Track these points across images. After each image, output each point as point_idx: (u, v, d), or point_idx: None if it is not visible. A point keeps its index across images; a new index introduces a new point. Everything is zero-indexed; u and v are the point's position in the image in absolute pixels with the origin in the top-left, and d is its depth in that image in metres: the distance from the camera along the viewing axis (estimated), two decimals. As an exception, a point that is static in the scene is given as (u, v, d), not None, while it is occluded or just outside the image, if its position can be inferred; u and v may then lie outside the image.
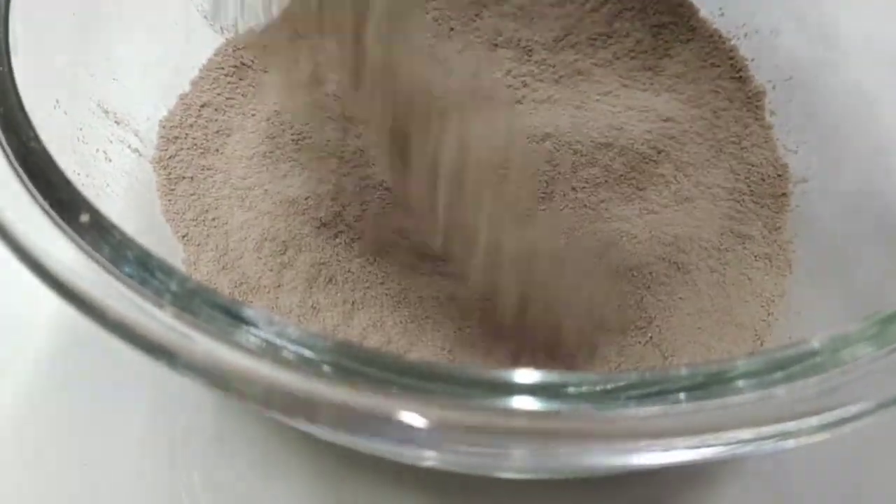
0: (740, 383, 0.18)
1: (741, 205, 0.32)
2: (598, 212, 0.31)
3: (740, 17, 0.35)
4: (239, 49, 0.35)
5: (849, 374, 0.19)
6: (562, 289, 0.28)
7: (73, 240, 0.19)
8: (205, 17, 0.34)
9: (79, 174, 0.25)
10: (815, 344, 0.19)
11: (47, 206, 0.20)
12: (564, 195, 0.31)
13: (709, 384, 0.18)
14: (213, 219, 0.30)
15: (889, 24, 0.31)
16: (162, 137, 0.31)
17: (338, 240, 0.30)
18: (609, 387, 0.18)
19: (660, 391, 0.18)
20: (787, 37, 0.34)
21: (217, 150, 0.32)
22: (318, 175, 0.31)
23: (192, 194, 0.30)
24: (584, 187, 0.32)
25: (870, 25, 0.32)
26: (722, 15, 0.36)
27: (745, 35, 0.35)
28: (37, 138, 0.21)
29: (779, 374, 0.18)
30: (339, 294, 0.29)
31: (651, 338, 0.27)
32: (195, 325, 0.18)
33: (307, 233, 0.30)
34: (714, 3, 0.36)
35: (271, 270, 0.29)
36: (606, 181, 0.32)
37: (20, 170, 0.20)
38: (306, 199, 0.30)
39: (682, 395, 0.18)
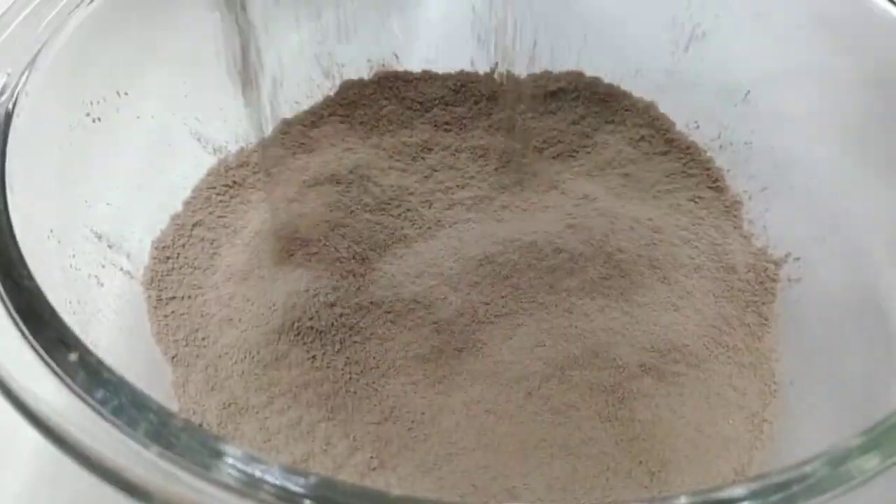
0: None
1: (724, 312, 0.32)
2: (582, 317, 0.31)
3: (714, 129, 0.37)
4: (231, 169, 0.36)
5: (853, 491, 0.18)
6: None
7: (59, 378, 0.19)
8: (197, 139, 0.36)
9: (70, 302, 0.26)
10: (816, 463, 0.18)
11: (36, 345, 0.20)
12: (547, 299, 0.32)
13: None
14: (203, 338, 0.30)
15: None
16: (153, 258, 0.32)
17: (325, 350, 0.30)
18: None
19: None
20: (760, 147, 0.35)
21: (207, 269, 0.33)
22: (307, 289, 0.31)
23: (181, 314, 0.31)
24: (567, 292, 0.32)
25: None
26: (697, 128, 0.37)
27: (720, 147, 0.36)
28: (29, 275, 0.21)
29: (779, 497, 0.18)
30: (327, 413, 0.29)
31: (638, 454, 0.27)
32: (174, 461, 0.18)
33: (293, 346, 0.30)
34: (689, 116, 0.37)
35: (259, 389, 0.29)
36: (590, 287, 0.32)
37: (12, 309, 0.20)
38: (294, 304, 0.30)
39: None
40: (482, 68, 0.40)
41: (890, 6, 0.30)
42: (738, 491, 0.18)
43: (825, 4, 0.33)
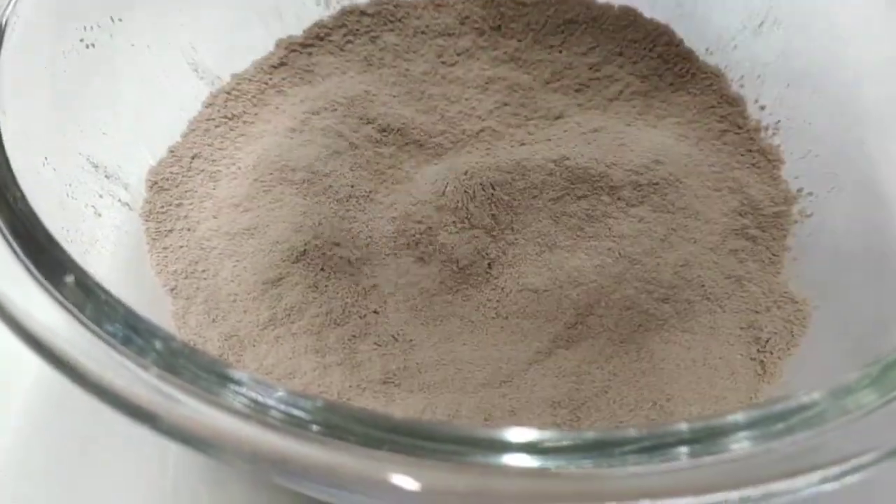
0: (741, 435, 0.18)
1: (739, 244, 0.31)
2: (591, 246, 0.31)
3: (727, 60, 0.36)
4: (230, 100, 0.35)
5: (852, 424, 0.18)
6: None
7: (57, 301, 0.19)
8: (194, 69, 0.35)
9: (67, 230, 0.25)
10: (816, 395, 0.19)
11: (32, 268, 0.19)
12: (553, 229, 0.31)
13: (709, 438, 0.18)
14: (203, 270, 0.30)
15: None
16: (151, 190, 0.31)
17: (326, 279, 0.29)
18: (607, 442, 0.17)
19: (659, 445, 0.17)
20: (773, 80, 0.34)
21: (205, 201, 0.32)
22: (305, 210, 0.31)
23: (180, 246, 0.30)
24: (577, 219, 0.31)
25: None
26: (711, 54, 0.36)
27: (732, 80, 0.35)
28: (23, 198, 0.21)
29: (780, 426, 0.18)
30: (333, 346, 0.28)
31: (644, 385, 0.27)
32: (180, 386, 0.18)
33: (298, 280, 0.29)
34: (702, 43, 0.36)
35: (260, 319, 0.28)
36: (600, 214, 0.31)
37: (6, 231, 0.20)
38: (296, 233, 0.30)
39: (682, 450, 0.18)
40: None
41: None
42: (738, 418, 0.18)
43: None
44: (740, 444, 0.18)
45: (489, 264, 0.31)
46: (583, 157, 0.32)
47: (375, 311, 0.29)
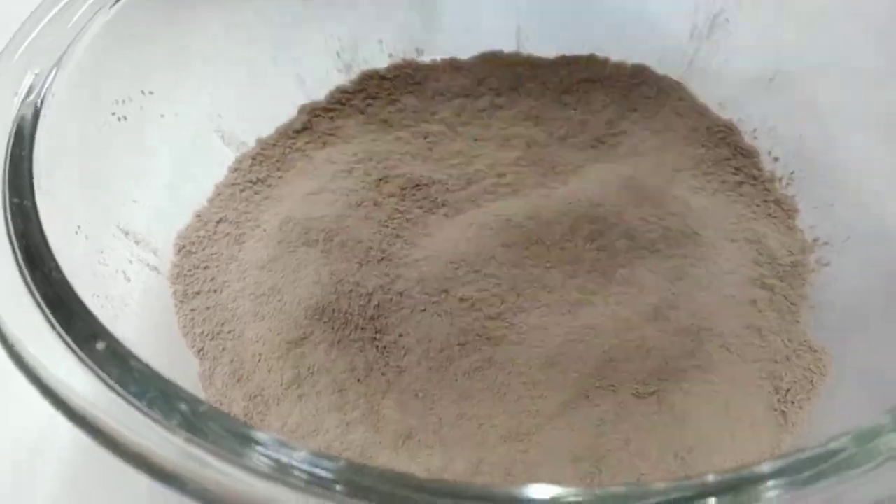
0: (770, 484, 0.18)
1: (757, 294, 0.31)
2: (610, 300, 0.31)
3: (738, 115, 0.36)
4: (254, 165, 0.36)
5: (881, 467, 0.18)
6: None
7: (88, 366, 0.20)
8: (220, 136, 0.36)
9: (98, 296, 0.26)
10: (844, 440, 0.18)
11: (65, 335, 0.20)
12: (570, 283, 0.31)
13: (738, 488, 0.18)
14: (229, 331, 0.30)
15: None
16: (179, 254, 0.32)
17: (350, 336, 0.30)
18: (634, 496, 0.18)
19: (687, 498, 0.18)
20: (786, 134, 0.35)
21: (231, 263, 0.33)
22: (333, 274, 0.31)
23: (207, 308, 0.31)
24: (597, 273, 0.32)
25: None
26: (722, 107, 0.37)
27: (745, 133, 0.36)
28: (58, 268, 0.22)
29: (808, 474, 0.18)
30: (356, 403, 0.29)
31: (667, 439, 0.27)
32: (205, 448, 0.18)
33: (321, 338, 0.30)
34: (712, 101, 0.37)
35: (285, 379, 0.29)
36: (619, 265, 0.32)
37: (41, 301, 0.21)
38: (318, 292, 0.30)
39: (711, 501, 0.18)
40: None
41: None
42: (765, 467, 0.18)
43: None
44: (769, 494, 0.18)
45: (510, 318, 0.31)
46: (601, 209, 0.33)
47: (397, 368, 0.30)
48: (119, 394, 0.19)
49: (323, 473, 0.18)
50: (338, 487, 0.18)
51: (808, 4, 0.35)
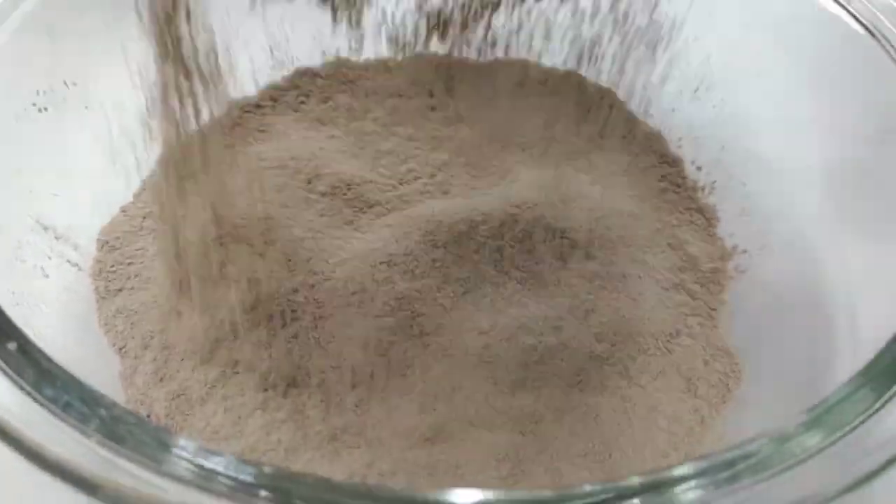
0: (691, 484, 0.18)
1: (678, 299, 0.32)
2: (533, 298, 0.31)
3: (663, 121, 0.37)
4: (183, 158, 0.35)
5: (797, 468, 0.19)
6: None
7: (4, 372, 0.19)
8: (149, 130, 0.35)
9: (13, 293, 0.25)
10: (761, 441, 0.19)
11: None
12: (498, 279, 0.32)
13: (659, 489, 0.18)
14: (151, 329, 0.30)
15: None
16: (101, 250, 0.31)
17: (276, 335, 0.30)
18: (561, 499, 0.18)
19: (612, 499, 0.18)
20: (709, 142, 0.36)
21: (156, 256, 0.32)
22: (260, 271, 0.31)
23: (129, 305, 0.30)
24: (521, 271, 0.32)
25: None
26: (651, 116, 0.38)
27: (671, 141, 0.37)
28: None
29: (726, 474, 0.19)
30: (280, 403, 0.28)
31: (588, 438, 0.28)
32: (123, 454, 0.18)
33: (246, 337, 0.29)
34: (639, 108, 0.38)
35: (207, 378, 0.28)
36: (545, 267, 0.32)
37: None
38: (246, 289, 0.30)
39: (635, 502, 0.18)
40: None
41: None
42: (685, 469, 0.19)
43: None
44: (690, 495, 0.18)
45: (437, 318, 0.31)
46: (530, 211, 0.33)
47: (322, 367, 0.30)
48: (32, 397, 0.19)
49: (246, 479, 0.18)
50: (262, 493, 0.18)
51: (732, 18, 0.36)
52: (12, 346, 0.19)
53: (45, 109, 0.30)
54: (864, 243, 0.30)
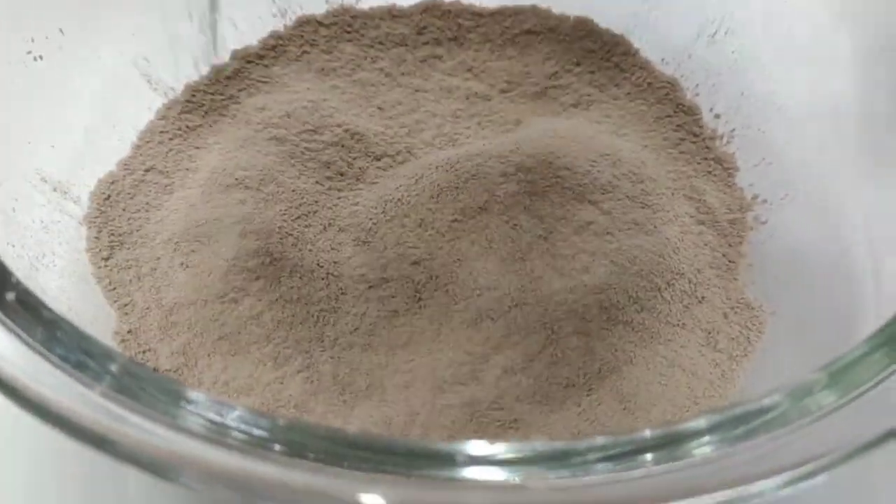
0: (704, 440, 0.18)
1: (698, 251, 0.31)
2: (549, 243, 0.30)
3: (680, 70, 0.36)
4: (184, 112, 0.34)
5: (813, 425, 0.19)
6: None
7: (3, 324, 0.18)
8: (147, 80, 0.34)
9: (13, 246, 0.24)
10: (776, 397, 0.19)
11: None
12: (510, 230, 0.31)
13: (672, 444, 0.18)
14: (155, 285, 0.29)
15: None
16: (101, 202, 0.30)
17: (289, 295, 0.29)
18: (572, 452, 0.17)
19: (625, 453, 0.18)
20: (728, 90, 0.35)
21: (159, 209, 0.31)
22: (265, 223, 0.30)
23: (130, 260, 0.29)
24: (537, 218, 0.31)
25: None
26: (666, 64, 0.37)
27: (687, 88, 0.36)
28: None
29: (741, 430, 0.18)
30: (290, 356, 0.28)
31: (609, 385, 0.27)
32: (135, 409, 0.17)
33: (253, 289, 0.29)
34: (655, 54, 0.37)
35: (217, 336, 0.28)
36: (560, 213, 0.31)
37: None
38: (250, 241, 0.29)
39: (647, 457, 0.18)
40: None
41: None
42: (700, 423, 0.18)
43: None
44: (703, 450, 0.18)
45: (450, 267, 0.30)
46: (544, 157, 0.32)
47: (333, 320, 0.29)
48: (39, 352, 0.18)
49: (259, 432, 0.17)
50: (276, 447, 0.17)
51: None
52: (11, 296, 0.18)
53: (41, 58, 0.29)
54: (889, 194, 0.29)
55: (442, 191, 0.31)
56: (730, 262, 0.31)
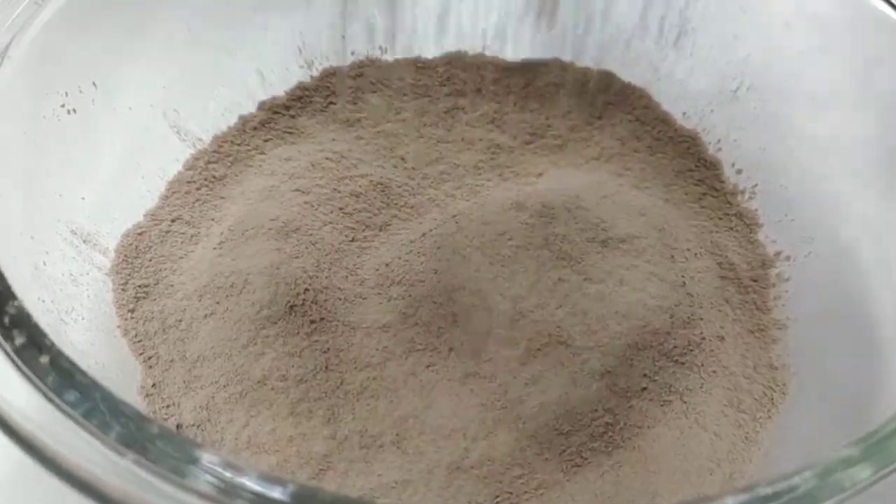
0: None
1: (723, 306, 0.31)
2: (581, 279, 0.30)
3: (701, 125, 0.36)
4: (211, 162, 0.35)
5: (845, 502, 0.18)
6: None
7: (29, 379, 0.19)
8: (176, 131, 0.35)
9: (43, 301, 0.25)
10: (806, 473, 0.18)
11: (6, 346, 0.19)
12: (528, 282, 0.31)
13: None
14: (179, 338, 0.29)
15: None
16: (128, 254, 0.31)
17: (307, 341, 0.29)
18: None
19: None
20: (749, 146, 0.35)
21: (184, 260, 0.32)
22: (288, 275, 0.30)
23: (155, 311, 0.30)
24: (573, 249, 0.31)
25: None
26: (687, 118, 0.37)
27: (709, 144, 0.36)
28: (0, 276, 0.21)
29: None
30: (312, 410, 0.28)
31: (636, 450, 0.27)
32: (148, 468, 0.17)
33: (275, 342, 0.29)
34: (675, 109, 0.37)
35: (239, 389, 0.28)
36: (588, 246, 0.31)
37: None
38: (274, 293, 0.29)
39: None
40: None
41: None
42: (727, 501, 0.18)
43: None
44: None
45: (476, 320, 0.30)
46: (567, 204, 0.32)
47: (355, 371, 0.29)
48: (59, 408, 0.18)
49: (272, 496, 0.17)
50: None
51: (773, 17, 0.35)
52: (45, 359, 0.19)
53: (74, 111, 0.30)
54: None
55: (465, 239, 0.31)
56: (753, 320, 0.31)
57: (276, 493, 0.17)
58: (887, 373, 0.26)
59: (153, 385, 0.28)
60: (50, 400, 0.19)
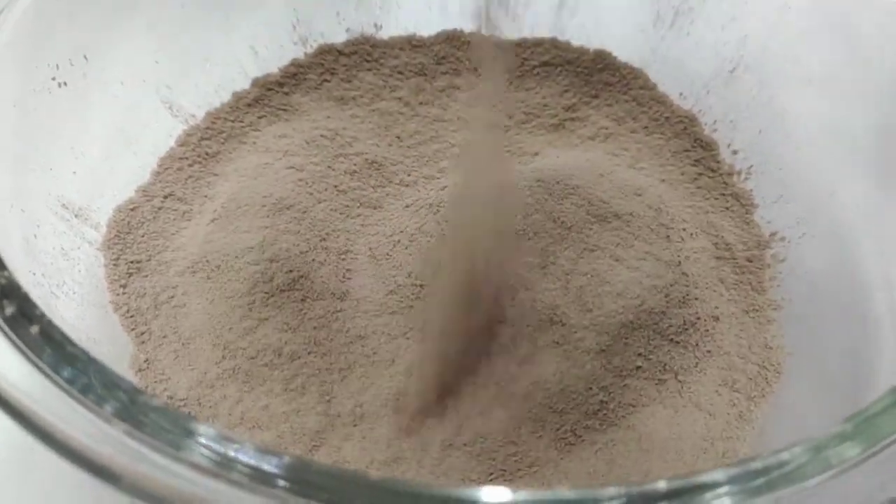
0: (721, 491, 0.18)
1: (718, 286, 0.31)
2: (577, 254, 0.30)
3: (696, 106, 0.36)
4: (204, 139, 0.35)
5: (834, 479, 0.18)
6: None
7: (20, 351, 0.18)
8: (168, 107, 0.34)
9: (34, 274, 0.25)
10: (796, 449, 0.18)
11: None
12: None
13: (688, 495, 0.17)
14: (172, 314, 0.29)
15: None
16: (120, 229, 0.31)
17: (301, 316, 0.29)
18: (586, 502, 0.17)
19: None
20: (745, 126, 0.35)
21: (177, 236, 0.32)
22: (281, 251, 0.30)
23: (146, 287, 0.29)
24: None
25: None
26: (684, 98, 0.37)
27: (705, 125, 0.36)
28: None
29: (760, 482, 0.18)
30: (306, 385, 0.28)
31: (630, 429, 0.27)
32: (143, 440, 0.17)
33: (269, 317, 0.29)
34: (672, 90, 0.37)
35: (233, 365, 0.28)
36: (584, 221, 0.31)
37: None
38: (267, 269, 0.29)
39: None
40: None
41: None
42: (718, 476, 0.18)
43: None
44: (721, 501, 0.17)
45: (470, 297, 0.30)
46: (564, 182, 0.32)
47: (348, 346, 0.29)
48: (52, 380, 0.18)
49: (267, 469, 0.17)
50: (282, 483, 0.17)
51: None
52: (35, 329, 0.19)
53: (64, 84, 0.30)
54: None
55: (458, 216, 0.31)
56: (748, 300, 0.31)
57: (271, 465, 0.17)
58: (880, 353, 0.26)
59: (145, 360, 0.27)
60: (44, 373, 0.18)
